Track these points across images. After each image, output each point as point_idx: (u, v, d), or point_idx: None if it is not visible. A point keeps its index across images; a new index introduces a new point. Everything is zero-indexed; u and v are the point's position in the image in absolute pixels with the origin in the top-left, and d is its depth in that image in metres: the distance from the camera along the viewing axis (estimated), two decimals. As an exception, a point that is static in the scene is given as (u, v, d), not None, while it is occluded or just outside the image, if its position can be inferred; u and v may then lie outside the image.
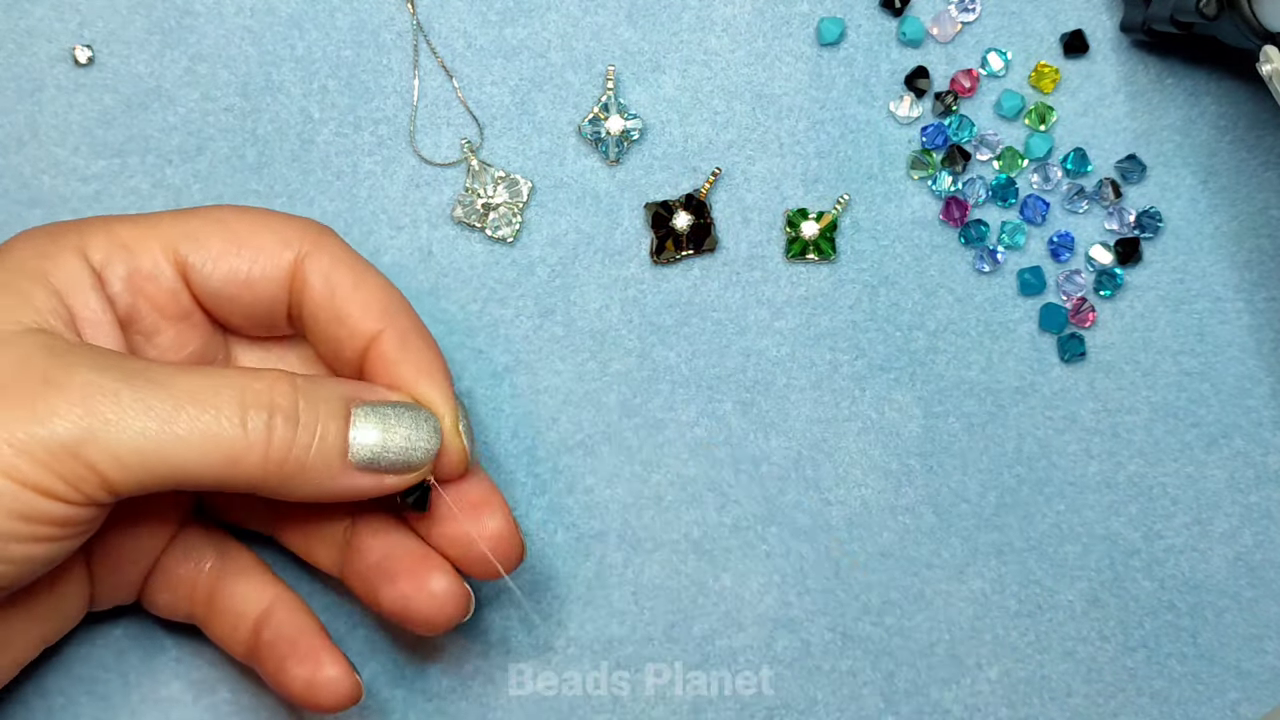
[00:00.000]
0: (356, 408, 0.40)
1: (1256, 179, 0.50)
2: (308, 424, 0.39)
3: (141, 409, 0.36)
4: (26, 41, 0.48)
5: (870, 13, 0.49)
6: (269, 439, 0.38)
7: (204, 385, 0.38)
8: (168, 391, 0.37)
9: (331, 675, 0.43)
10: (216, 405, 0.37)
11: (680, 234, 0.49)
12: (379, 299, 0.42)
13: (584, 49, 0.49)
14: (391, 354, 0.41)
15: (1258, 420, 0.49)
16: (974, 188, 0.49)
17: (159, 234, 0.41)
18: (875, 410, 0.49)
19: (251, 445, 0.38)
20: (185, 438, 0.37)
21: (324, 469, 0.39)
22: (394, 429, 0.40)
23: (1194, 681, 0.49)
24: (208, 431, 0.37)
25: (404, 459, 0.40)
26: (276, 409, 0.38)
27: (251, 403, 0.38)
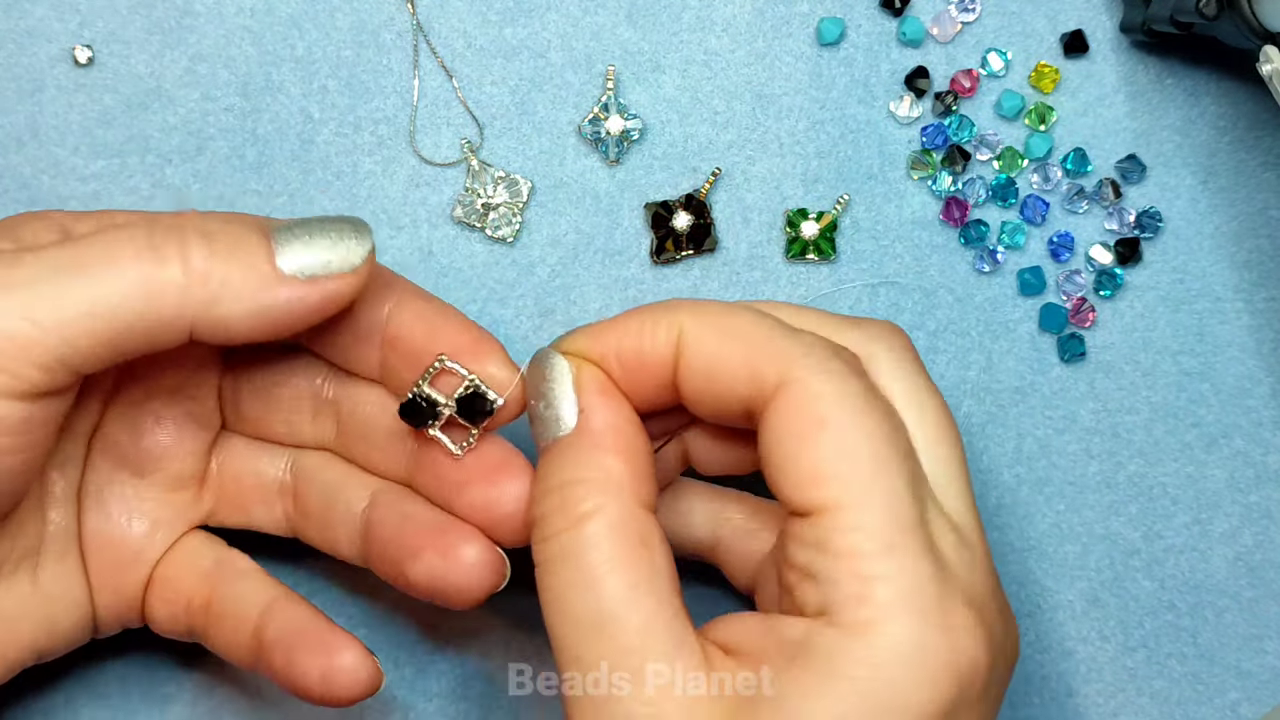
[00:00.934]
0: (274, 230, 0.38)
1: (1256, 179, 0.50)
2: (223, 236, 0.37)
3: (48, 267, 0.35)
4: (26, 41, 0.48)
5: (870, 13, 0.49)
6: (184, 256, 0.36)
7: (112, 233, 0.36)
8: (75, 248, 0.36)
9: (347, 662, 0.41)
10: (125, 245, 0.36)
11: (680, 234, 0.49)
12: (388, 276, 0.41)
13: (584, 49, 0.49)
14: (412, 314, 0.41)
15: (1257, 420, 0.49)
16: (974, 188, 0.49)
17: None
18: (875, 410, 0.49)
19: (167, 271, 0.36)
20: (100, 279, 0.35)
21: (252, 278, 0.37)
22: (316, 226, 0.38)
23: (1194, 681, 0.49)
24: (121, 268, 0.36)
25: (336, 250, 0.38)
26: (189, 232, 0.37)
27: (161, 231, 0.36)
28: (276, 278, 0.37)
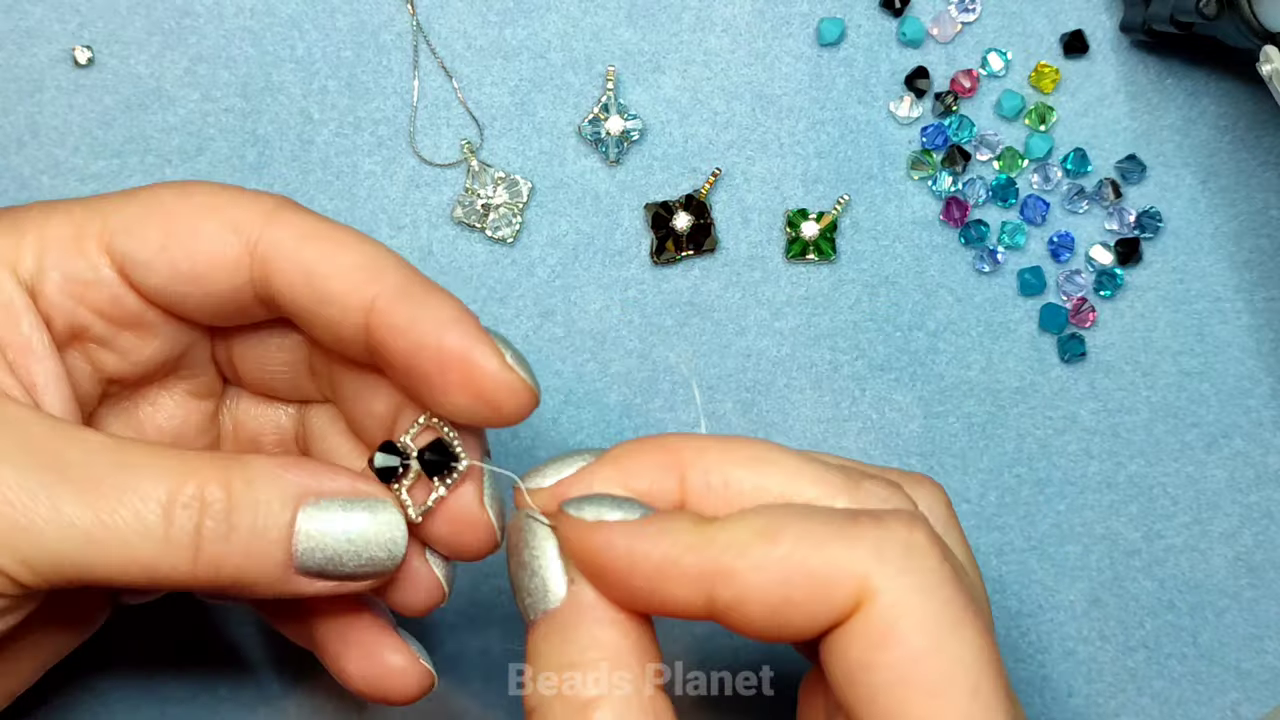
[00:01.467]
0: (305, 506, 0.35)
1: (1256, 179, 0.50)
2: (243, 529, 0.34)
3: (58, 519, 0.33)
4: (26, 42, 0.48)
5: (870, 13, 0.49)
6: (197, 545, 0.34)
7: (130, 488, 0.34)
8: (91, 495, 0.33)
9: (395, 665, 0.39)
10: (140, 514, 0.33)
11: (680, 234, 0.49)
12: (360, 262, 0.36)
13: (584, 49, 0.49)
14: (398, 318, 0.35)
15: (1258, 420, 0.49)
16: (974, 188, 0.49)
17: (94, 229, 0.37)
18: (875, 410, 0.49)
19: (176, 556, 0.34)
20: (103, 548, 0.33)
21: (265, 577, 0.35)
22: (348, 536, 0.35)
23: (1194, 681, 0.49)
24: (127, 543, 0.33)
25: (359, 570, 0.35)
26: (206, 515, 0.34)
27: (179, 507, 0.34)
28: (291, 577, 0.35)
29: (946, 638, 0.31)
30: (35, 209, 0.37)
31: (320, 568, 0.35)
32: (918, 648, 0.31)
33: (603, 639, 0.33)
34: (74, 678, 0.48)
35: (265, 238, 0.36)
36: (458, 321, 0.35)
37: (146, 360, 0.39)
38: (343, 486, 0.35)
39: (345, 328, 0.36)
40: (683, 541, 0.33)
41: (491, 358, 0.35)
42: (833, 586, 0.32)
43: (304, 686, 0.48)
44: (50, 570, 0.33)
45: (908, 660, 0.31)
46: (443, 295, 0.36)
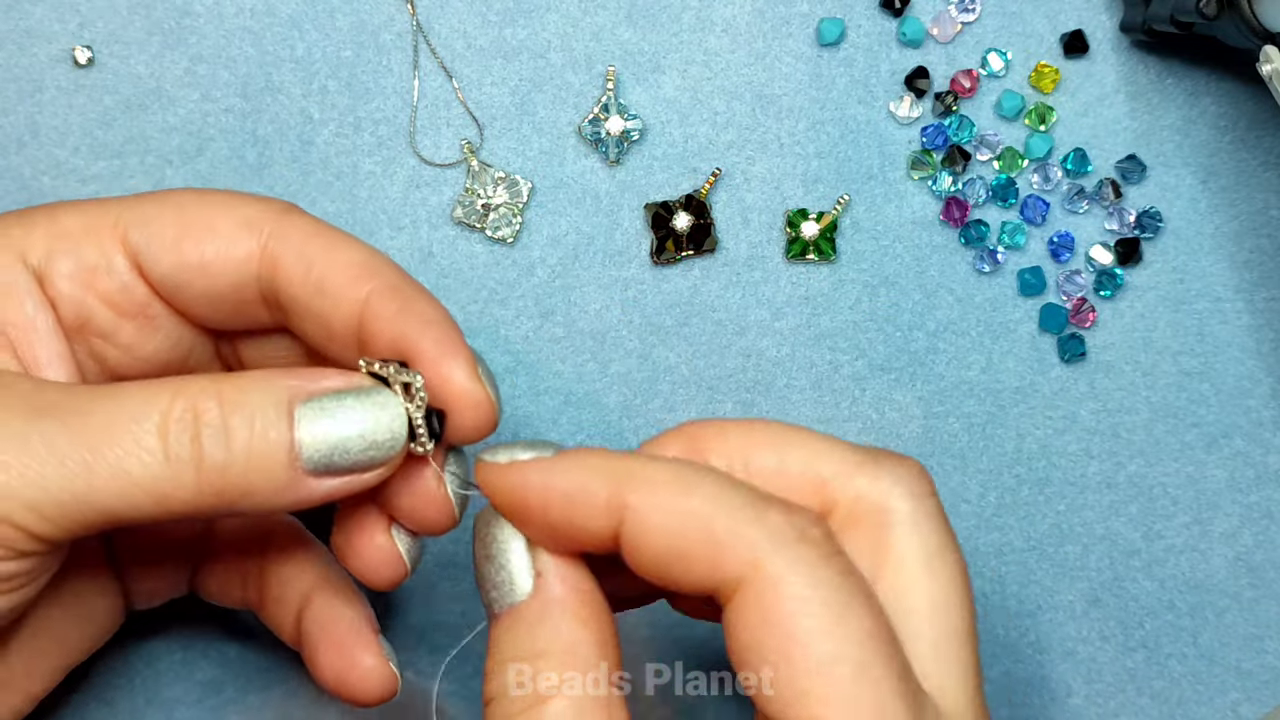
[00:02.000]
0: (300, 405, 0.35)
1: (1256, 179, 0.50)
2: (241, 436, 0.34)
3: (54, 457, 0.33)
4: (26, 42, 0.48)
5: (870, 13, 0.49)
6: (198, 463, 0.34)
7: (121, 413, 0.34)
8: (82, 429, 0.33)
9: (365, 665, 0.40)
10: (135, 436, 0.33)
11: (680, 234, 0.49)
12: (358, 260, 0.37)
13: (584, 49, 0.49)
14: (386, 312, 0.36)
15: (1258, 420, 0.49)
16: (974, 188, 0.49)
17: (108, 221, 0.38)
18: (875, 410, 0.49)
19: (179, 475, 0.34)
20: (106, 480, 0.33)
21: (271, 483, 0.35)
22: (347, 423, 0.35)
23: (1194, 682, 0.49)
24: (128, 470, 0.33)
25: (364, 456, 0.35)
26: (202, 425, 0.34)
27: (173, 423, 0.34)
28: (297, 478, 0.35)
29: (830, 621, 0.32)
30: (47, 205, 0.38)
31: (326, 460, 0.35)
32: (799, 627, 0.32)
33: (565, 634, 0.34)
34: (78, 680, 0.48)
35: (275, 234, 0.38)
36: (438, 325, 0.36)
37: (149, 356, 0.39)
38: (336, 382, 0.35)
39: (338, 319, 0.37)
40: (596, 468, 0.34)
41: (463, 367, 0.36)
42: (724, 553, 0.32)
43: (309, 690, 0.48)
44: (60, 514, 0.33)
45: (788, 638, 0.32)
46: (430, 300, 0.37)
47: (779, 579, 0.32)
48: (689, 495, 0.33)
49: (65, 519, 0.33)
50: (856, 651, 0.32)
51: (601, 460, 0.34)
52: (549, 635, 0.34)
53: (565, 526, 0.34)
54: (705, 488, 0.33)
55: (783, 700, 0.32)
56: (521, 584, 0.35)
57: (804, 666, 0.32)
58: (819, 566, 0.32)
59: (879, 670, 0.32)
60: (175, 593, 0.44)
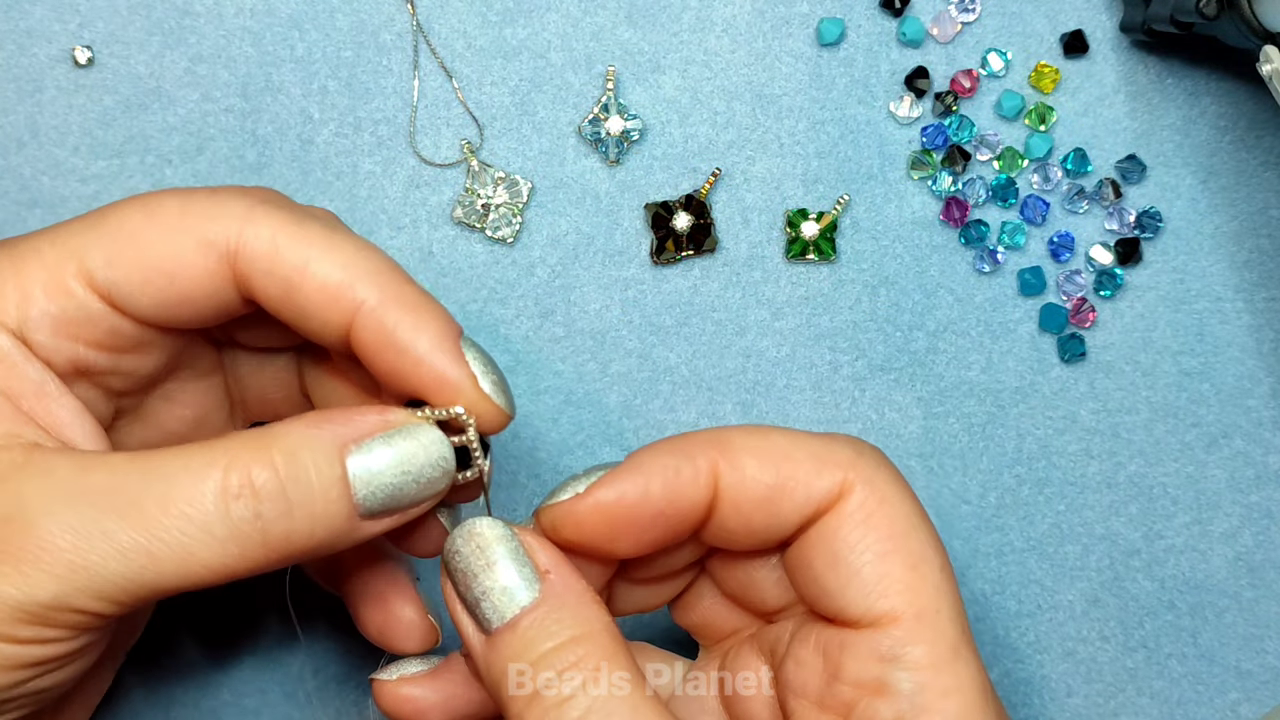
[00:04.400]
0: (349, 455, 0.35)
1: (1256, 179, 0.50)
2: (301, 500, 0.34)
3: (116, 552, 0.33)
4: (26, 42, 0.48)
5: (870, 13, 0.49)
6: (263, 530, 0.34)
7: (176, 495, 0.33)
8: (139, 518, 0.33)
9: (405, 617, 0.40)
10: (195, 520, 0.33)
11: (680, 234, 0.49)
12: (338, 274, 0.36)
13: (584, 49, 0.49)
14: (375, 338, 0.36)
15: (1258, 420, 0.49)
16: (974, 188, 0.49)
17: (71, 267, 0.36)
18: (875, 411, 0.49)
19: (245, 544, 0.34)
20: (169, 565, 0.33)
21: (335, 534, 0.35)
22: (399, 467, 0.35)
23: (1194, 681, 0.49)
24: (192, 553, 0.33)
25: (418, 494, 0.36)
26: (262, 496, 0.34)
27: (231, 501, 0.34)
28: (357, 524, 0.35)
29: (918, 524, 0.36)
30: (3, 257, 0.36)
31: (383, 506, 0.35)
32: (899, 528, 0.36)
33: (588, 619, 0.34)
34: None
35: (242, 250, 0.36)
36: (435, 349, 0.36)
37: (151, 372, 0.39)
38: (376, 423, 0.35)
39: (327, 339, 0.37)
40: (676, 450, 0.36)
41: (467, 390, 0.36)
42: (824, 467, 0.36)
43: (305, 692, 0.48)
44: (125, 596, 0.33)
45: (892, 536, 0.35)
46: (422, 312, 0.36)
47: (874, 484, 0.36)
48: (768, 436, 0.36)
49: (129, 599, 0.34)
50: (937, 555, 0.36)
51: (677, 442, 0.36)
52: (574, 622, 0.34)
53: (667, 515, 0.36)
54: (774, 433, 0.36)
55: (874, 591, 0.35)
56: (525, 591, 0.35)
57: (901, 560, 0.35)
58: (899, 481, 0.37)
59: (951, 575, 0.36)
60: None
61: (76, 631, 0.34)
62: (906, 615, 0.35)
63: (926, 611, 0.35)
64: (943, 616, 0.35)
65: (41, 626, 0.33)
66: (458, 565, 0.36)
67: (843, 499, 0.36)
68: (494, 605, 0.35)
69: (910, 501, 0.36)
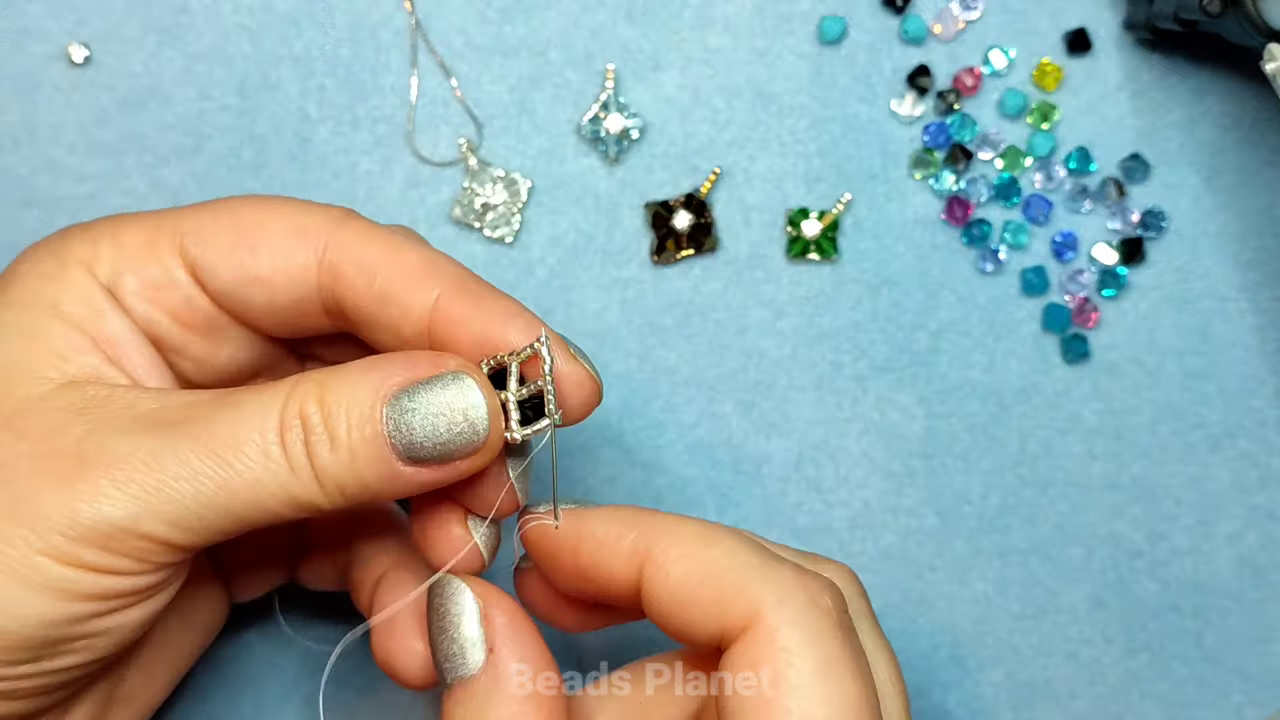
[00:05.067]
0: (387, 398, 0.35)
1: (1261, 177, 0.49)
2: (340, 437, 0.35)
3: (188, 474, 0.34)
4: (22, 40, 0.48)
5: (872, 10, 0.49)
6: (313, 464, 0.35)
7: (243, 424, 0.35)
8: (211, 440, 0.34)
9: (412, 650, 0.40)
10: (260, 446, 0.35)
11: (680, 234, 0.48)
12: (420, 264, 0.38)
13: (583, 47, 0.49)
14: (460, 314, 0.37)
15: (1262, 421, 0.49)
16: (976, 187, 0.49)
17: (166, 235, 0.38)
18: (877, 411, 0.49)
19: (303, 479, 0.35)
20: (239, 490, 0.34)
21: (379, 477, 0.36)
22: (428, 412, 0.35)
23: (1198, 684, 0.49)
24: (259, 479, 0.35)
25: (449, 443, 0.36)
26: (309, 428, 0.35)
27: (287, 431, 0.35)
28: (401, 470, 0.36)
29: (815, 681, 0.33)
30: (107, 220, 0.39)
31: (417, 449, 0.35)
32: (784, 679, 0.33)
33: (516, 712, 0.35)
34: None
35: (332, 243, 0.38)
36: (517, 316, 0.37)
37: (221, 366, 0.40)
38: (422, 367, 0.36)
39: (408, 327, 0.38)
40: (625, 518, 0.36)
41: (557, 351, 0.37)
42: (733, 602, 0.34)
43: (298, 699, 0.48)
44: (201, 525, 0.34)
45: (772, 686, 0.33)
46: (500, 295, 0.38)
47: (775, 631, 0.33)
48: (709, 547, 0.35)
49: (205, 529, 0.34)
50: (835, 714, 0.33)
51: (631, 512, 0.36)
52: (501, 713, 0.35)
53: (592, 570, 0.36)
54: (725, 543, 0.35)
55: None
56: (473, 657, 0.36)
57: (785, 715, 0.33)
58: (818, 628, 0.33)
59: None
60: (276, 584, 0.45)
61: (145, 565, 0.34)
62: None
63: None
64: None
65: (109, 552, 0.34)
66: (428, 615, 0.37)
67: (743, 635, 0.34)
68: (444, 665, 0.36)
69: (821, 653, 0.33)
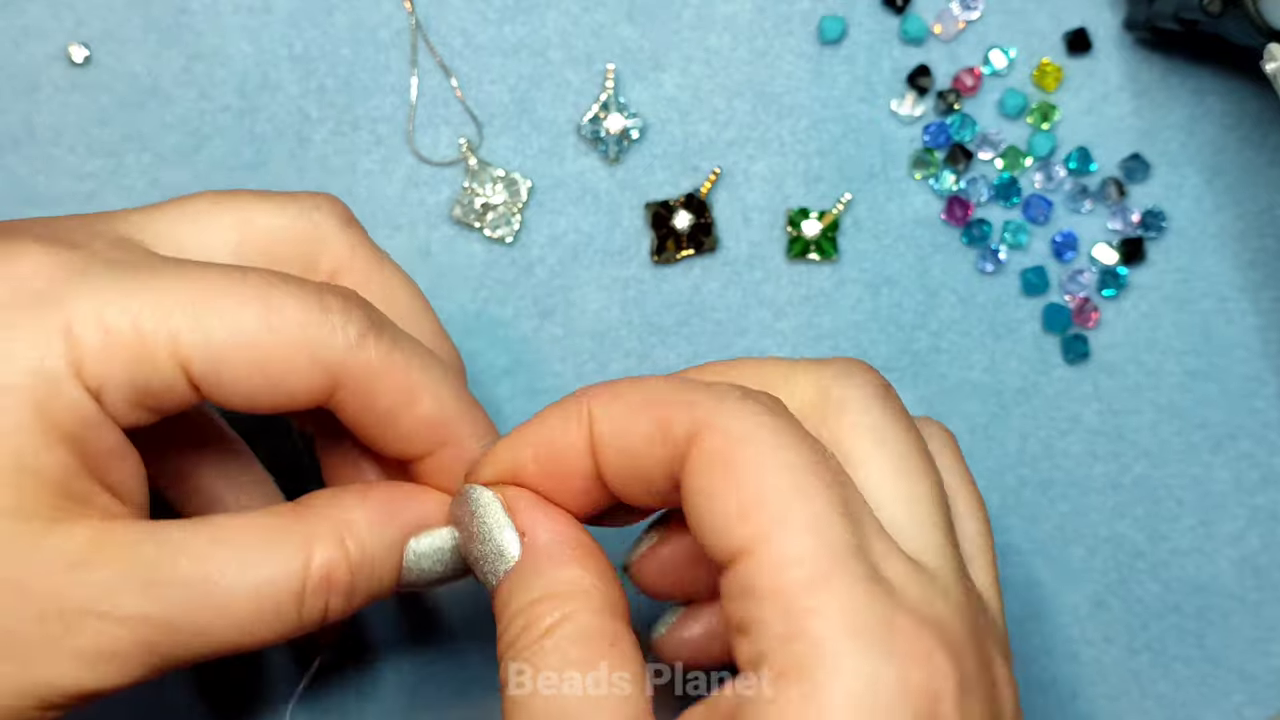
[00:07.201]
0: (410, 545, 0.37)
1: (1262, 177, 0.49)
2: (363, 590, 0.37)
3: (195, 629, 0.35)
4: (22, 40, 0.48)
5: (872, 10, 0.49)
6: (324, 616, 0.36)
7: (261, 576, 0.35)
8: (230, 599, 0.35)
9: None
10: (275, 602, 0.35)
11: (680, 234, 0.48)
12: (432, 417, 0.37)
13: (584, 47, 0.49)
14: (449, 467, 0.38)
15: (1264, 421, 0.49)
16: (976, 187, 0.49)
17: (168, 341, 0.34)
18: (877, 411, 0.49)
19: (307, 628, 0.36)
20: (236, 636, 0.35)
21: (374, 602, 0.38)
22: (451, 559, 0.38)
23: (1199, 684, 0.49)
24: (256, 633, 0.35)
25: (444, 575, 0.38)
26: (335, 590, 0.36)
27: (308, 596, 0.36)
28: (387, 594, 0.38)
29: (773, 451, 0.32)
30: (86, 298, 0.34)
31: (418, 585, 0.38)
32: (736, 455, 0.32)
33: (565, 576, 0.35)
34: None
35: (347, 379, 0.36)
36: None
37: None
38: (438, 514, 0.38)
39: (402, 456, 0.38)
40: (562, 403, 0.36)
41: None
42: (673, 420, 0.33)
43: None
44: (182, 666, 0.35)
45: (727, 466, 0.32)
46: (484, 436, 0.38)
47: (721, 428, 0.32)
48: (640, 385, 0.35)
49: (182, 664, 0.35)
50: (797, 477, 0.31)
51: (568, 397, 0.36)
52: (547, 582, 0.35)
53: (556, 469, 0.36)
54: (656, 380, 0.35)
55: (721, 528, 0.32)
56: (510, 549, 0.36)
57: (743, 492, 0.32)
58: (762, 415, 0.32)
59: (820, 493, 0.31)
60: None
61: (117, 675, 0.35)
62: (758, 542, 0.31)
63: (778, 536, 0.31)
64: (799, 538, 0.31)
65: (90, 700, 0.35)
66: (460, 539, 0.37)
67: (692, 445, 0.33)
68: (486, 572, 0.36)
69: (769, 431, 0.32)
